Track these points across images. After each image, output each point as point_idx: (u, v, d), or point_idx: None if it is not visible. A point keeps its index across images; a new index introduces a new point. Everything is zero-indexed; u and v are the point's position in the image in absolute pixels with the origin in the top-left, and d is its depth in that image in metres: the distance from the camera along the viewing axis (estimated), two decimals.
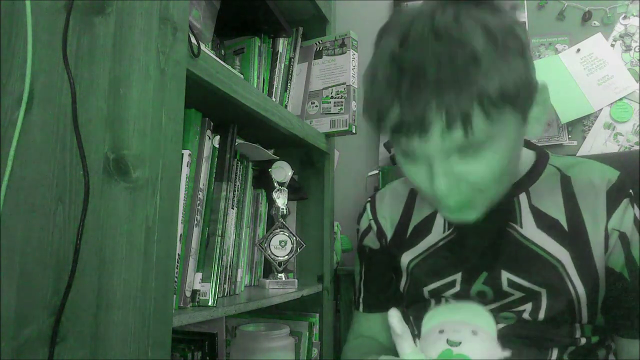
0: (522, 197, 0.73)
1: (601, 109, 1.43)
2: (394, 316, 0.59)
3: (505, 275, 0.70)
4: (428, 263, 0.77)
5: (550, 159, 0.77)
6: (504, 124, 0.61)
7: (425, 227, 0.80)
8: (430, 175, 0.63)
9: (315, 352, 1.15)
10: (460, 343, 0.58)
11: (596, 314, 0.70)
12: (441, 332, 0.60)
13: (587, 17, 1.48)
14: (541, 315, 0.68)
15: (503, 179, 0.66)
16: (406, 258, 0.79)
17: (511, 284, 0.70)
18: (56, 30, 0.66)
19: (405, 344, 0.59)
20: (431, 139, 0.59)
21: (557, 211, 0.72)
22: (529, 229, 0.71)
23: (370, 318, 0.88)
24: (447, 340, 0.58)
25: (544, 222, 0.71)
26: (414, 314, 0.78)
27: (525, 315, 0.69)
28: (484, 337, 0.60)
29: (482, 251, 0.73)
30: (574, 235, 0.70)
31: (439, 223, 0.79)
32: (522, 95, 0.60)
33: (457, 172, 0.62)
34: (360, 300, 0.89)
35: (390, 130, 0.62)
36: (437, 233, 0.78)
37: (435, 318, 0.65)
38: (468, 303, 0.67)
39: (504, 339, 0.66)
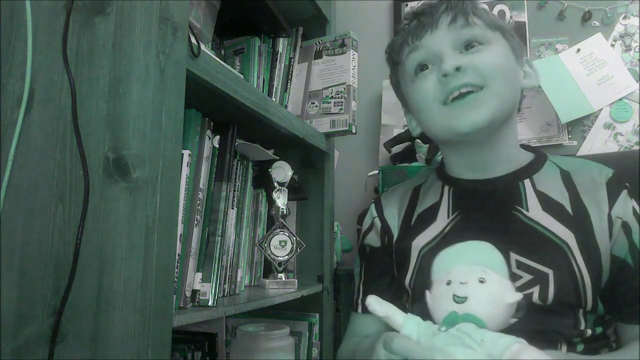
0: (527, 182, 0.78)
1: (601, 109, 1.43)
2: (372, 302, 0.61)
3: (514, 257, 0.71)
4: (439, 249, 0.77)
5: (549, 157, 0.83)
6: (499, 39, 0.79)
7: (429, 214, 0.82)
8: (440, 77, 0.75)
9: (315, 352, 1.15)
10: (466, 299, 0.57)
11: (599, 301, 0.71)
12: (448, 283, 0.59)
13: (587, 17, 1.48)
14: (550, 297, 0.69)
15: (507, 80, 0.76)
16: (416, 245, 0.80)
17: (520, 265, 0.71)
18: (56, 30, 0.66)
19: (395, 318, 0.60)
20: (441, 29, 0.78)
21: (561, 197, 0.75)
22: (535, 211, 0.75)
23: (367, 319, 0.87)
24: (454, 297, 0.57)
25: (550, 205, 0.75)
26: (419, 312, 0.78)
27: (535, 299, 0.69)
28: (492, 282, 0.59)
29: (490, 234, 0.73)
30: (578, 219, 0.73)
31: (443, 210, 0.81)
32: (506, 31, 0.80)
33: (464, 62, 0.75)
34: (359, 301, 0.89)
35: (408, 36, 0.80)
36: (443, 219, 0.80)
37: (445, 264, 0.64)
38: (476, 242, 0.66)
39: (514, 334, 0.67)
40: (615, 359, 0.72)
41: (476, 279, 0.58)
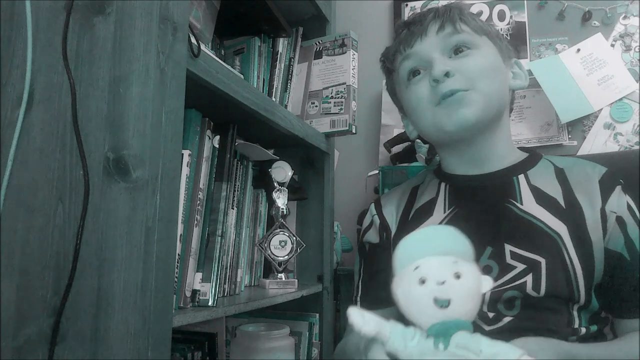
0: (521, 177, 0.80)
1: (601, 109, 1.43)
2: (357, 322, 0.54)
3: (508, 248, 0.74)
4: None
5: (544, 156, 0.85)
6: (486, 42, 0.82)
7: (427, 209, 0.84)
8: (431, 82, 0.78)
9: (315, 352, 1.15)
10: (449, 301, 0.53)
11: (591, 296, 0.72)
12: (423, 282, 0.55)
13: (587, 17, 1.48)
14: (542, 286, 0.70)
15: (493, 81, 0.79)
16: None
17: (514, 255, 0.73)
18: (56, 30, 0.66)
19: (381, 332, 0.54)
20: (430, 37, 0.81)
21: (554, 191, 0.77)
22: (528, 204, 0.76)
23: None
24: (435, 300, 0.54)
25: (543, 198, 0.77)
26: None
27: (529, 288, 0.70)
28: (467, 275, 0.55)
29: (485, 227, 0.76)
30: (570, 212, 0.75)
31: (439, 205, 0.83)
32: (493, 35, 0.83)
33: (452, 66, 0.77)
34: (358, 298, 0.90)
35: (400, 44, 0.84)
36: (439, 214, 0.82)
37: (409, 253, 0.59)
38: (439, 226, 0.64)
39: (509, 333, 0.67)
40: (613, 350, 0.72)
41: (452, 274, 0.55)
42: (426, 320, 0.55)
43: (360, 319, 0.54)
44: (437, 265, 0.56)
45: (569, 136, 1.46)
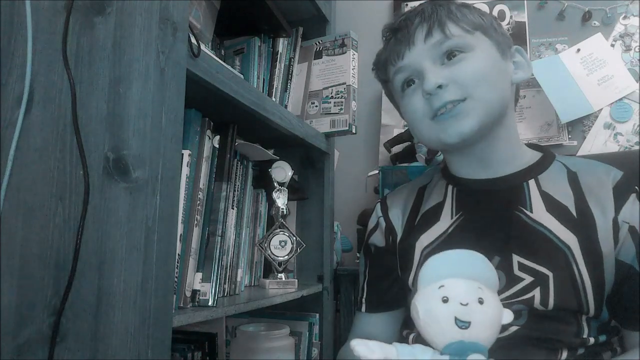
0: (532, 182, 0.77)
1: (601, 109, 1.43)
2: (362, 352, 0.54)
3: (516, 259, 0.71)
4: (442, 250, 0.77)
5: (557, 157, 0.81)
6: (480, 40, 0.77)
7: (433, 214, 0.82)
8: (424, 95, 0.75)
9: (315, 352, 1.15)
10: (469, 324, 0.54)
11: (601, 307, 0.70)
12: (445, 301, 0.56)
13: (587, 17, 1.48)
14: (551, 302, 0.68)
15: (490, 85, 0.74)
16: (420, 244, 0.79)
17: (522, 267, 0.70)
18: (56, 30, 0.66)
19: (388, 357, 0.54)
20: (418, 46, 0.77)
21: (566, 198, 0.74)
22: (538, 212, 0.73)
23: (372, 318, 0.87)
24: (456, 320, 0.55)
25: (554, 207, 0.73)
26: None
27: (537, 303, 0.68)
28: (489, 302, 0.56)
29: (493, 236, 0.73)
30: (582, 222, 0.71)
31: (446, 210, 0.81)
32: (487, 28, 0.78)
33: (445, 75, 0.74)
34: (363, 300, 0.89)
35: (390, 54, 0.81)
36: (446, 220, 0.80)
37: (436, 271, 0.60)
38: (470, 252, 0.62)
39: (515, 342, 0.67)
40: None
41: (476, 299, 0.56)
42: (443, 339, 0.55)
43: (366, 349, 0.54)
44: (462, 287, 0.57)
45: (569, 136, 1.46)
